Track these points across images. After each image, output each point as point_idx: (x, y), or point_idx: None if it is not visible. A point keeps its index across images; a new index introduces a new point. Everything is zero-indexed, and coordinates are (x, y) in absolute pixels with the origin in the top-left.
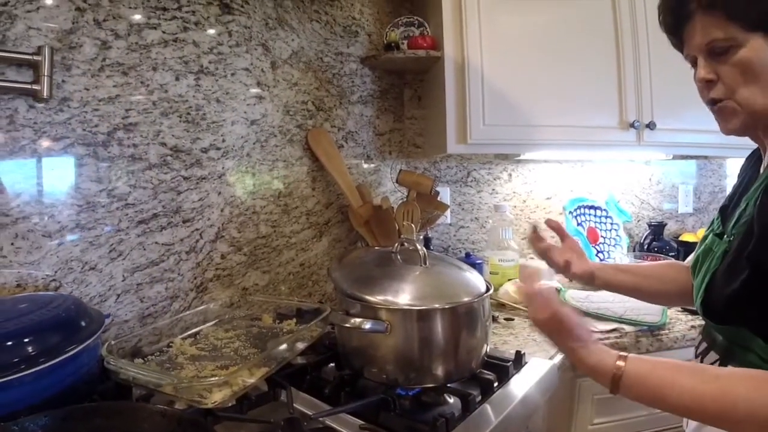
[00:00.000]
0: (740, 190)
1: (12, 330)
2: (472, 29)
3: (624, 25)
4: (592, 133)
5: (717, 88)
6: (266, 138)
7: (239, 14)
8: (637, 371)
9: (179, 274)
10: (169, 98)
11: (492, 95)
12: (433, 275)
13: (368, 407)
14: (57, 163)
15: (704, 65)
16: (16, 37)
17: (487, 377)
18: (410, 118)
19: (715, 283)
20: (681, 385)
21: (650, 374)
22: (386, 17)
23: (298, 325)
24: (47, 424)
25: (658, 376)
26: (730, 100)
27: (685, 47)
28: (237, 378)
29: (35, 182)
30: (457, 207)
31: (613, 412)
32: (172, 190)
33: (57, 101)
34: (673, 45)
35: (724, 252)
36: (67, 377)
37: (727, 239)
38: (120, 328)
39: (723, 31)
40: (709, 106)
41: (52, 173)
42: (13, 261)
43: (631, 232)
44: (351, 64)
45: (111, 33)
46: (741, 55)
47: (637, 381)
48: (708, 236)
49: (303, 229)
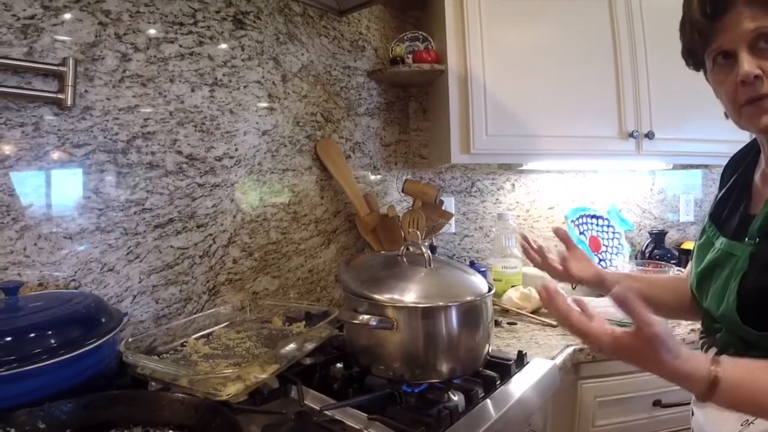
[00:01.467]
0: (735, 195)
1: (35, 323)
2: (474, 43)
3: (622, 37)
4: (592, 143)
5: (766, 83)
6: (277, 148)
7: (251, 29)
8: (732, 377)
9: (193, 277)
10: (185, 109)
11: (494, 107)
12: (437, 276)
13: (375, 401)
14: (79, 169)
15: (748, 60)
16: (43, 49)
17: (490, 375)
18: (415, 129)
19: (748, 287)
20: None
21: (745, 379)
22: (392, 32)
23: (307, 327)
24: (71, 410)
25: (754, 381)
26: None
27: (719, 39)
28: (249, 373)
29: (59, 186)
30: (462, 216)
31: (616, 414)
32: (187, 197)
33: (80, 110)
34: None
35: (750, 255)
36: (86, 370)
37: (750, 242)
38: (135, 328)
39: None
40: (747, 103)
41: (74, 178)
42: (35, 261)
43: (633, 240)
44: (358, 78)
45: (131, 46)
46: None
47: (732, 387)
48: (714, 243)
49: (312, 236)
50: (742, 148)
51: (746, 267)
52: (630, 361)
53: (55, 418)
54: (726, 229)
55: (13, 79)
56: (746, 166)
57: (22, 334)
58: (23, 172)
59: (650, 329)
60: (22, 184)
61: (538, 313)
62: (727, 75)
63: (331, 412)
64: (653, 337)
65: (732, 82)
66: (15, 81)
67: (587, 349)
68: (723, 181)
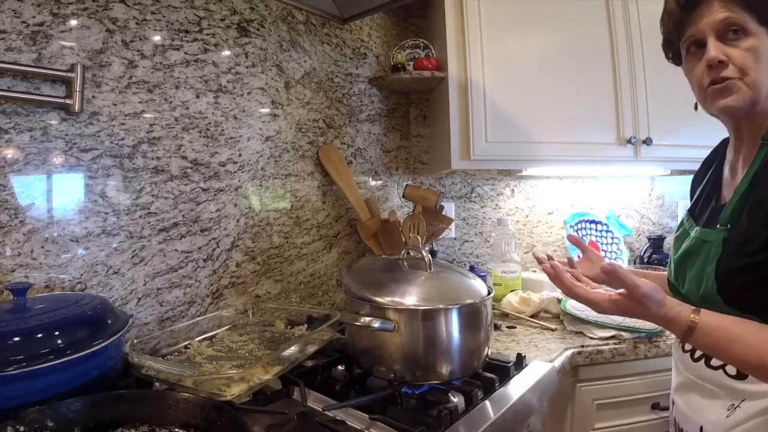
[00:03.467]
0: (706, 191)
1: (43, 324)
2: (474, 51)
3: (620, 44)
4: (590, 149)
5: (729, 68)
6: (280, 153)
7: (255, 37)
8: (707, 324)
9: (197, 281)
10: (190, 114)
11: (494, 113)
12: (437, 279)
13: (377, 402)
14: (86, 173)
15: (715, 46)
16: (51, 55)
17: (489, 377)
18: (416, 135)
19: (723, 269)
20: (745, 341)
21: (719, 328)
22: (393, 40)
23: (308, 330)
24: (79, 408)
25: (725, 329)
26: (740, 81)
27: (692, 28)
28: (253, 375)
29: (66, 190)
30: (462, 222)
31: (614, 417)
32: (192, 201)
33: (87, 115)
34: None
35: (723, 240)
36: (92, 370)
37: (722, 228)
38: (140, 330)
39: (738, 16)
40: (710, 85)
41: (81, 182)
42: (42, 263)
43: (632, 245)
44: (360, 85)
45: (137, 53)
46: (751, 43)
47: (706, 333)
48: (690, 233)
49: (314, 241)
50: (712, 150)
51: (720, 251)
52: (626, 315)
53: (63, 417)
54: (699, 220)
55: (22, 85)
56: (717, 163)
57: (30, 335)
58: (31, 176)
59: (637, 290)
60: (29, 187)
61: (537, 317)
62: (698, 62)
63: (333, 413)
64: (641, 296)
65: (701, 67)
66: (24, 86)
67: (585, 353)
68: (696, 180)
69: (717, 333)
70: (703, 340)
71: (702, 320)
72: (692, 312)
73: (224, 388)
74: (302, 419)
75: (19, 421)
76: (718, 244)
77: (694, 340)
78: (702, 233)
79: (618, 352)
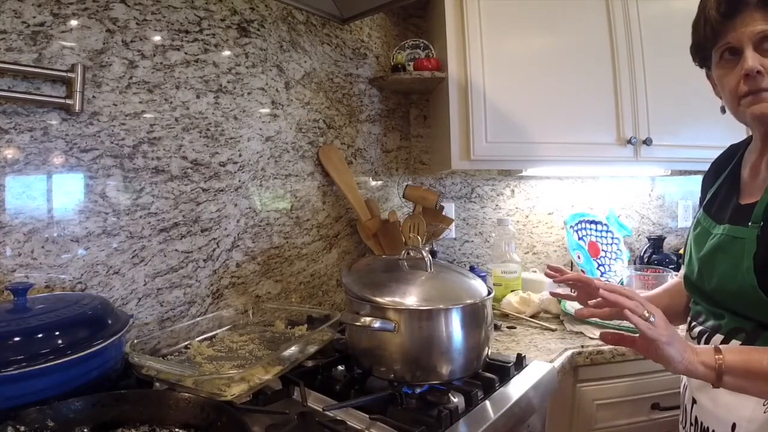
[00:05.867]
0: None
1: (43, 324)
2: (474, 51)
3: (620, 45)
4: (590, 150)
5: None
6: (280, 154)
7: (255, 37)
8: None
9: (197, 281)
10: (190, 115)
11: (494, 114)
12: (438, 280)
13: (377, 402)
14: (86, 173)
15: (753, 57)
16: (52, 56)
17: (489, 377)
18: (416, 136)
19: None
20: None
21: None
22: (393, 40)
23: (309, 330)
24: (80, 408)
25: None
26: None
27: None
28: (253, 375)
29: (66, 190)
30: (462, 222)
31: (614, 417)
32: (192, 201)
33: (87, 115)
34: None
35: (757, 236)
36: (93, 370)
37: (755, 225)
38: (140, 330)
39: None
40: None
41: (81, 182)
42: (43, 264)
43: (632, 246)
44: (360, 85)
45: (138, 53)
46: None
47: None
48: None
49: (314, 241)
50: (723, 152)
51: (755, 247)
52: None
53: (64, 416)
54: (720, 218)
55: (22, 85)
56: (734, 165)
57: (30, 335)
58: (31, 176)
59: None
60: (30, 187)
61: (537, 317)
62: (732, 69)
63: (334, 413)
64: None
65: (735, 75)
66: (24, 86)
67: (585, 353)
68: (707, 181)
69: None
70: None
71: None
72: (715, 352)
73: (224, 388)
74: (302, 419)
75: (20, 421)
76: (752, 240)
77: (726, 382)
78: (731, 230)
79: (618, 352)
